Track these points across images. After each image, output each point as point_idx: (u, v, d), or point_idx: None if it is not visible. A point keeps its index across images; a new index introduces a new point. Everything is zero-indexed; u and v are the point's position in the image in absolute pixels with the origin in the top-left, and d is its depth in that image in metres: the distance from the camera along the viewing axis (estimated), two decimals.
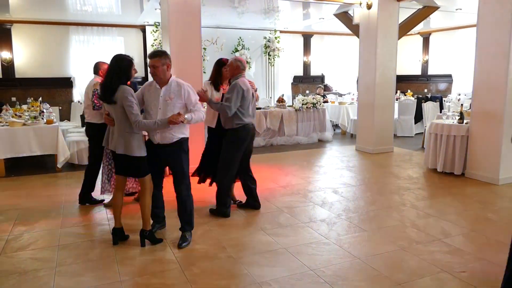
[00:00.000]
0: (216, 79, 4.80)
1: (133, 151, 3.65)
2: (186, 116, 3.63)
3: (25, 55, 10.48)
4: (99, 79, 4.78)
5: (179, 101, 3.70)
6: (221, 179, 4.60)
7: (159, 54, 3.69)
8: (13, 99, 10.17)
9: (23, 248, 3.82)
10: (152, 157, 3.79)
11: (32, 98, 9.20)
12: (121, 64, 3.64)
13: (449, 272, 3.30)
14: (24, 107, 8.49)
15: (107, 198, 5.06)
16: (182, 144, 3.81)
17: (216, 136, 4.73)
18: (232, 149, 4.53)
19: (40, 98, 9.39)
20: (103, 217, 4.66)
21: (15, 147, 6.53)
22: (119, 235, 3.90)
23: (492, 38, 5.89)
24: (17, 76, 10.41)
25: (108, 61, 3.76)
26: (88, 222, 4.50)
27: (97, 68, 5.05)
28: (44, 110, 7.62)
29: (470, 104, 6.54)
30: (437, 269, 3.35)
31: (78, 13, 9.70)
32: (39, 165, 7.27)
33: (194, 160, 4.52)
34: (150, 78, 3.81)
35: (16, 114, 7.33)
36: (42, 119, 6.98)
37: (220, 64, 4.79)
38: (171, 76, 3.75)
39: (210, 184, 4.92)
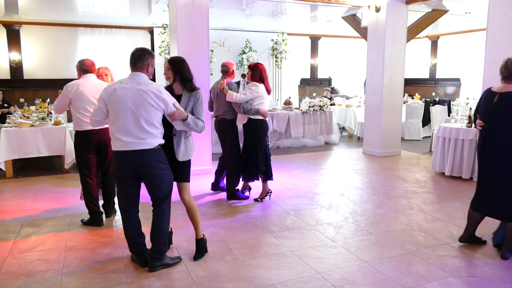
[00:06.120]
0: None
1: None
2: None
3: (33, 57, 10.56)
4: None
5: None
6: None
7: None
8: (21, 100, 10.25)
9: (30, 249, 3.84)
10: None
11: (40, 99, 9.26)
12: None
13: (457, 277, 3.26)
14: (32, 108, 8.55)
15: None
16: None
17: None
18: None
19: (48, 99, 9.46)
20: (110, 218, 4.67)
21: (23, 148, 6.56)
22: None
23: (502, 42, 5.84)
24: (25, 77, 10.49)
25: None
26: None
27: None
28: (52, 112, 7.66)
29: None
30: (445, 273, 3.32)
31: (87, 15, 9.77)
32: (47, 166, 7.32)
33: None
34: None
35: (24, 115, 7.38)
36: (50, 120, 7.02)
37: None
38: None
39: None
